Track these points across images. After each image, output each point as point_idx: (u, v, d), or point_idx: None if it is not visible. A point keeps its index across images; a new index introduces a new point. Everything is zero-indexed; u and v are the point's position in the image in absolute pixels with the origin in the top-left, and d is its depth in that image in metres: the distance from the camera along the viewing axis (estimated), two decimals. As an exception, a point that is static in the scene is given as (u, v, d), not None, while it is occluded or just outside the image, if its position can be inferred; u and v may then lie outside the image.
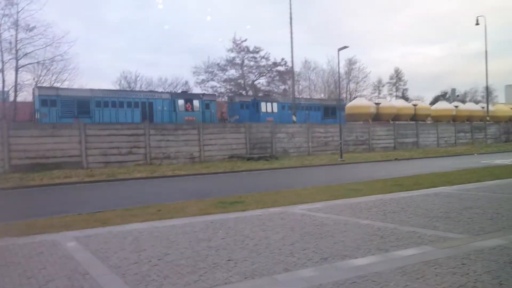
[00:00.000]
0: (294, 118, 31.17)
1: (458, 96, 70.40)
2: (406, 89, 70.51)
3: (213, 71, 51.06)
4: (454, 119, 44.18)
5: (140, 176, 17.92)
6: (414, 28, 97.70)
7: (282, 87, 53.23)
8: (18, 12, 29.81)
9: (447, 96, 70.12)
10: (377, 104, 40.27)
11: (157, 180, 17.34)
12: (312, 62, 62.18)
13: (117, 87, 42.48)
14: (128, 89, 41.36)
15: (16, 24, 29.87)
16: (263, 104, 32.30)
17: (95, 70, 69.88)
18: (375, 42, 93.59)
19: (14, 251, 5.58)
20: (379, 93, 68.48)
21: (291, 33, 32.78)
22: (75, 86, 32.59)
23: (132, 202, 10.74)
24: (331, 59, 58.80)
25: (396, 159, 26.08)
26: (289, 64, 43.99)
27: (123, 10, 76.31)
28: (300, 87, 57.48)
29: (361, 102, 40.74)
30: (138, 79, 48.86)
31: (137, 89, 43.70)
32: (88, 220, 8.16)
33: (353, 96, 57.23)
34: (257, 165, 22.46)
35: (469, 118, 44.87)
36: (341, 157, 25.45)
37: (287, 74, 49.70)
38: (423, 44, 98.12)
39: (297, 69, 53.42)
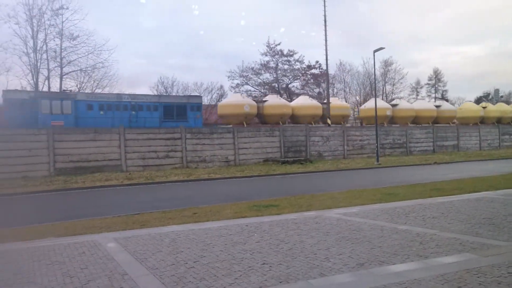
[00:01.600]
0: (328, 121, 30.84)
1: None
2: (446, 91, 68.12)
3: (248, 75, 51.44)
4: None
5: (177, 179, 18.27)
6: (454, 27, 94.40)
7: (317, 90, 52.82)
8: (62, 22, 31.27)
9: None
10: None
11: (193, 183, 17.62)
12: (347, 64, 61.47)
13: (155, 93, 43.50)
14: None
15: (61, 33, 31.33)
16: (45, 102, 22.48)
17: (133, 75, 72.04)
18: (412, 42, 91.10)
19: (59, 251, 5.84)
20: (417, 95, 66.55)
21: (325, 35, 32.54)
22: (116, 91, 33.57)
23: (169, 205, 10.98)
24: (367, 61, 57.76)
25: (435, 162, 25.23)
26: (324, 66, 43.60)
27: (159, 16, 78.35)
28: (335, 89, 56.81)
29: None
30: (174, 84, 49.90)
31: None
32: (127, 222, 8.42)
33: (390, 98, 55.92)
34: (291, 168, 22.37)
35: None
36: (378, 160, 24.91)
37: (322, 77, 49.27)
38: (464, 44, 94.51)
39: (331, 71, 52.86)
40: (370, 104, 36.14)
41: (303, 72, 51.85)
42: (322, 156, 28.10)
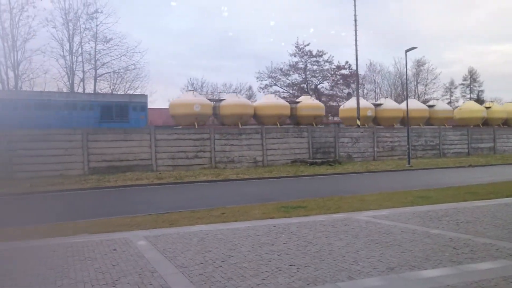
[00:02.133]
0: (358, 122, 30.40)
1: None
2: (481, 91, 65.77)
3: (276, 76, 51.40)
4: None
5: (206, 179, 18.47)
6: (490, 24, 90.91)
7: (346, 90, 52.20)
8: (97, 26, 32.27)
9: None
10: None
11: (221, 183, 17.76)
12: (378, 65, 60.42)
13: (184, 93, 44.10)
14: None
15: (95, 36, 32.35)
16: None
17: (164, 77, 73.45)
18: (445, 41, 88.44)
19: (92, 247, 6.01)
20: (451, 96, 64.63)
21: (356, 35, 32.09)
22: (146, 93, 34.29)
23: (197, 204, 11.11)
24: (398, 61, 56.56)
25: (470, 165, 24.40)
26: (353, 67, 43.07)
27: (188, 18, 79.49)
28: (365, 90, 55.98)
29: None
30: (203, 85, 50.54)
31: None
32: (157, 221, 8.58)
33: (422, 99, 54.52)
34: (320, 170, 22.18)
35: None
36: (409, 162, 24.34)
37: (351, 78, 48.64)
38: (501, 42, 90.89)
39: (361, 72, 52.11)
40: (350, 103, 32.86)
41: (332, 72, 51.35)
42: (351, 158, 27.73)
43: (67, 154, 20.25)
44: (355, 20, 32.04)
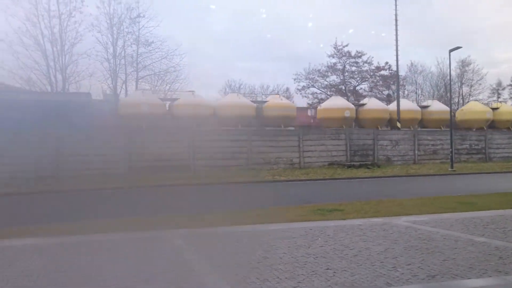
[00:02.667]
0: (398, 124, 29.58)
1: None
2: (532, 92, 62.14)
3: (314, 77, 50.98)
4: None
5: (242, 180, 18.58)
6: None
7: (386, 92, 50.96)
8: (139, 30, 33.23)
9: None
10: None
11: (258, 184, 17.80)
12: (419, 65, 58.28)
13: (222, 96, 44.69)
14: None
15: (137, 40, 33.33)
16: None
17: (203, 79, 74.60)
18: (493, 40, 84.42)
19: (131, 245, 6.20)
20: (498, 97, 61.53)
21: (396, 35, 31.30)
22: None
23: (233, 206, 11.19)
24: (441, 61, 54.48)
25: (519, 170, 23.15)
26: (394, 67, 41.96)
27: (227, 21, 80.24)
28: (406, 92, 54.38)
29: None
30: (241, 86, 50.90)
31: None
32: (195, 221, 8.71)
33: (466, 100, 52.29)
34: (357, 172, 21.78)
35: None
36: (452, 166, 23.40)
37: (391, 79, 47.43)
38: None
39: (402, 73, 50.65)
40: (329, 103, 29.97)
41: (371, 74, 50.30)
42: (390, 161, 27.02)
43: (110, 154, 20.99)
44: (396, 20, 31.26)
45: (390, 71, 48.26)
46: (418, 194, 12.76)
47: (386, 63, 48.90)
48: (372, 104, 30.31)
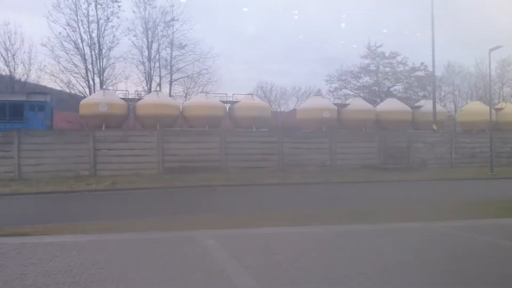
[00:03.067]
0: (434, 126, 28.72)
1: None
2: None
3: (346, 79, 50.32)
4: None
5: (273, 182, 18.56)
6: None
7: (421, 93, 49.57)
8: (173, 33, 33.94)
9: None
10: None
11: (289, 186, 17.74)
12: (457, 65, 56.43)
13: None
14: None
15: (171, 43, 34.03)
16: None
17: (234, 81, 75.08)
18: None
19: (163, 244, 6.32)
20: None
21: (433, 35, 30.40)
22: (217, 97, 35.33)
23: (265, 207, 11.21)
24: (481, 61, 52.40)
25: None
26: (430, 68, 40.75)
27: (259, 23, 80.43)
28: (442, 93, 52.68)
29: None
30: (273, 88, 50.89)
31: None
32: (226, 221, 8.78)
33: (508, 101, 50.05)
34: (391, 176, 21.29)
35: None
36: (492, 170, 22.47)
37: (427, 80, 46.11)
38: None
39: (438, 73, 49.07)
40: (308, 103, 28.57)
41: (406, 74, 49.10)
42: (425, 164, 26.24)
43: (144, 155, 21.50)
44: (432, 19, 30.37)
45: (425, 72, 46.94)
46: (455, 198, 12.34)
47: (422, 63, 47.61)
48: (356, 104, 28.41)
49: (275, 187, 17.44)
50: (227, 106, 26.33)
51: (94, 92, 31.45)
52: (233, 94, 26.72)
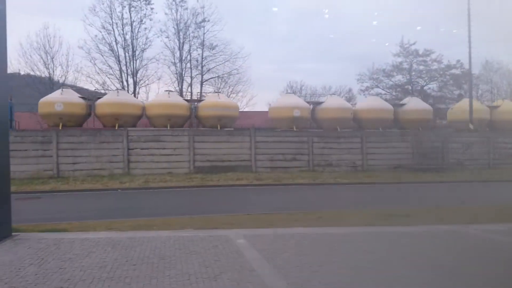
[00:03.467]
0: (470, 125, 27.74)
1: None
2: None
3: (378, 78, 49.37)
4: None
5: (303, 182, 18.49)
6: None
7: (457, 92, 47.99)
8: (204, 34, 34.34)
9: None
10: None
11: (319, 186, 17.61)
12: (495, 63, 54.32)
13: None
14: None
15: (202, 44, 34.44)
16: None
17: (264, 80, 75.16)
18: None
19: (196, 242, 6.42)
20: None
21: (469, 31, 29.35)
22: (246, 96, 35.53)
23: (295, 207, 11.19)
24: (521, 58, 50.21)
25: None
26: (466, 66, 39.42)
27: (289, 22, 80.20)
28: (479, 91, 50.82)
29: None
30: (302, 88, 50.62)
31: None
32: (256, 220, 8.84)
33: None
34: (425, 177, 20.75)
35: None
36: (533, 172, 21.48)
37: (463, 78, 44.59)
38: None
39: (475, 71, 47.40)
40: (279, 101, 27.17)
41: (441, 73, 47.64)
42: (461, 165, 25.38)
43: (175, 154, 21.89)
44: (469, 15, 29.34)
45: (462, 70, 45.39)
46: (492, 201, 11.89)
47: (458, 61, 46.05)
48: (331, 102, 26.57)
49: (305, 187, 17.36)
50: (195, 104, 25.45)
51: (128, 93, 32.27)
52: (198, 92, 26.07)
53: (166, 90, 25.61)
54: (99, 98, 23.94)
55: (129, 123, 22.92)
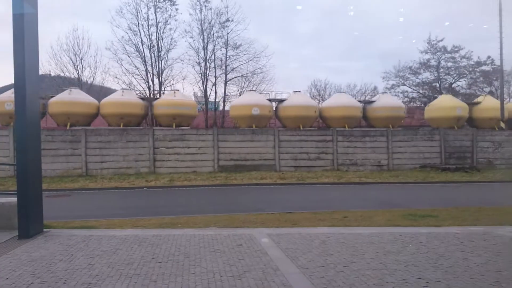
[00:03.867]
0: (502, 124, 26.84)
1: None
2: None
3: (405, 75, 48.40)
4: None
5: (327, 181, 18.34)
6: None
7: (487, 89, 46.52)
8: (228, 33, 34.46)
9: None
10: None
11: (343, 186, 17.43)
12: (529, 58, 52.38)
13: (308, 95, 44.43)
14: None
15: (226, 43, 34.57)
16: None
17: (287, 79, 75.00)
18: None
19: (220, 240, 6.46)
20: None
21: (500, 26, 28.32)
22: (271, 96, 35.49)
23: (319, 206, 11.10)
24: (556, 53, 48.25)
25: None
26: (497, 62, 38.14)
27: (313, 20, 79.71)
28: (511, 88, 49.08)
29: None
30: (327, 86, 50.18)
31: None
32: (279, 220, 8.83)
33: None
34: (453, 176, 20.22)
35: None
36: None
37: (494, 74, 43.19)
38: None
39: (507, 67, 45.83)
40: (240, 99, 26.66)
41: (470, 69, 46.30)
42: (492, 164, 24.62)
43: (199, 153, 22.10)
44: (500, 9, 28.35)
45: (492, 66, 44.00)
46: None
47: (488, 57, 44.65)
48: (295, 100, 25.40)
49: (329, 187, 17.21)
50: (151, 103, 25.06)
51: (153, 92, 32.78)
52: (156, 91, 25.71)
53: (122, 89, 25.28)
54: (52, 97, 23.65)
55: (81, 122, 22.84)
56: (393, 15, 77.41)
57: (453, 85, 47.87)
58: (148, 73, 33.33)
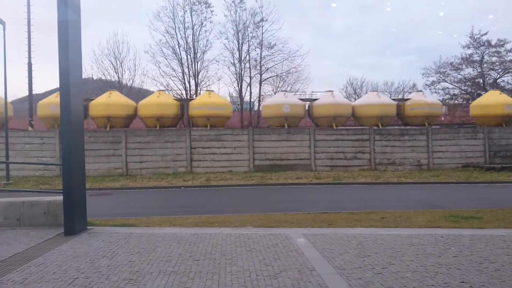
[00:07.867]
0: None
1: None
2: None
3: (445, 71, 46.70)
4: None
5: (364, 181, 18.02)
6: None
7: (536, 84, 44.09)
8: (262, 34, 34.58)
9: None
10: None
11: (381, 186, 17.06)
12: None
13: (344, 94, 43.82)
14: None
15: (261, 44, 34.69)
16: None
17: (323, 77, 74.30)
18: None
19: (256, 240, 6.50)
20: None
21: (551, 17, 26.79)
22: (306, 96, 35.27)
23: (356, 206, 10.93)
24: None
25: None
26: (547, 55, 36.09)
27: (348, 16, 78.47)
28: (563, 82, 46.22)
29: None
30: (363, 84, 49.27)
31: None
32: (315, 220, 8.76)
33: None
34: (499, 176, 19.31)
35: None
36: None
37: (544, 68, 40.90)
38: None
39: (558, 60, 43.31)
40: (271, 100, 26.53)
41: (517, 64, 44.01)
42: (541, 164, 23.33)
43: (235, 153, 22.31)
44: (550, 0, 26.78)
45: (541, 60, 41.67)
46: None
47: (538, 50, 42.31)
48: (326, 99, 25.28)
49: (366, 187, 16.89)
50: (186, 104, 25.21)
51: (190, 93, 33.36)
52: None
53: (158, 90, 25.66)
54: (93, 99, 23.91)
55: (120, 123, 23.30)
56: (433, 10, 74.92)
57: (497, 81, 45.71)
58: (185, 75, 34.02)
